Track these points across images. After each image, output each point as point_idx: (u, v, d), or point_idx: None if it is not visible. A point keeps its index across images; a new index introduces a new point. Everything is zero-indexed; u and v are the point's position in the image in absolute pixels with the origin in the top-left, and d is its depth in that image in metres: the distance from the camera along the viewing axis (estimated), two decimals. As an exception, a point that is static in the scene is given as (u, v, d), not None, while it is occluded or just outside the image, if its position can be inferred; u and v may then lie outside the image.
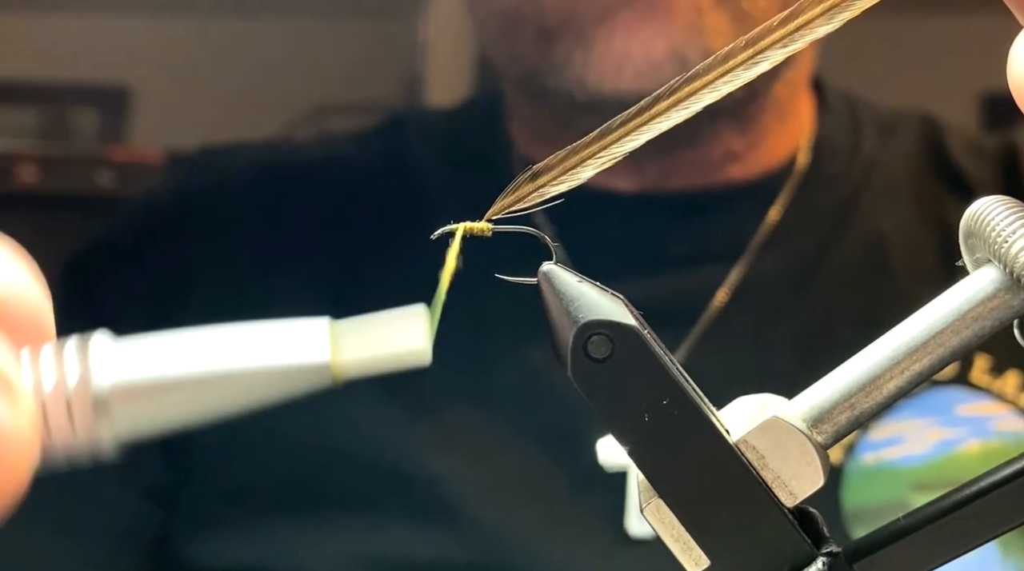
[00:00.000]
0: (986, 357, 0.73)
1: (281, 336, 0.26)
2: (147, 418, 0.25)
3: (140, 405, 0.25)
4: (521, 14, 0.71)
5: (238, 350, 0.26)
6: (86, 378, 0.25)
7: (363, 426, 0.73)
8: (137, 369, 0.25)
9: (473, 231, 0.35)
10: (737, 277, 0.76)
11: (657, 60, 0.67)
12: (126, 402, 0.25)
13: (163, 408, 0.25)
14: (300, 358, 0.26)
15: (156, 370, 0.25)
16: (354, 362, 0.27)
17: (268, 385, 0.26)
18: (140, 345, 0.25)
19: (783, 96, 0.77)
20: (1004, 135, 0.85)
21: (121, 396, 0.25)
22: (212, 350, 0.26)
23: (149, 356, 0.25)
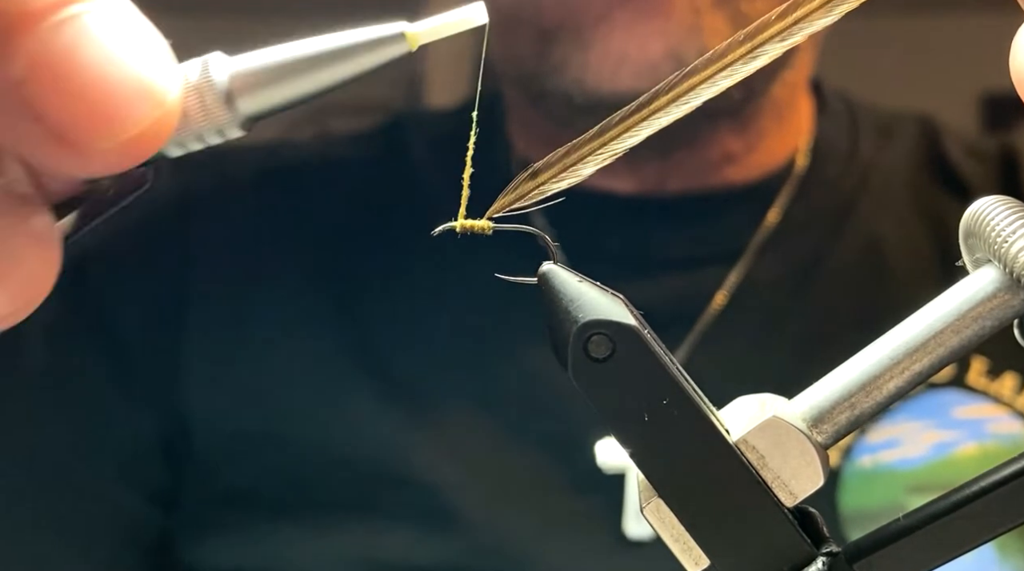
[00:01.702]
0: (983, 360, 0.73)
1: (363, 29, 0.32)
2: (266, 99, 0.31)
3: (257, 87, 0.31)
4: (520, 15, 0.71)
5: (329, 39, 0.31)
6: (207, 74, 0.31)
7: (364, 430, 0.73)
8: (249, 63, 0.31)
9: (474, 229, 0.35)
10: (736, 279, 0.76)
11: (655, 60, 0.67)
12: (244, 86, 0.31)
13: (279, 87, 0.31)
14: (380, 32, 0.31)
15: (264, 60, 0.31)
16: (425, 30, 0.32)
17: (356, 56, 0.31)
18: (252, 53, 0.31)
19: (782, 98, 0.77)
20: (1002, 136, 0.85)
21: (240, 82, 0.31)
22: (310, 42, 0.31)
23: (260, 55, 0.31)
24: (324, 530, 0.72)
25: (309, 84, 0.31)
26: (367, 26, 0.31)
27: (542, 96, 0.73)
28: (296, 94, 0.31)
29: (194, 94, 0.31)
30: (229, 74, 0.31)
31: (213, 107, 0.31)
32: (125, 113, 0.28)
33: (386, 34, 0.31)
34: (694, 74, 0.33)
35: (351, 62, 0.31)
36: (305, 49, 0.31)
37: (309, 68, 0.31)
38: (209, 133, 0.31)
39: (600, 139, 0.33)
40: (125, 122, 0.28)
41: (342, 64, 0.31)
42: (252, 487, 0.74)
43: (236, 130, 0.31)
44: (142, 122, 0.29)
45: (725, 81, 0.33)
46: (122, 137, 0.29)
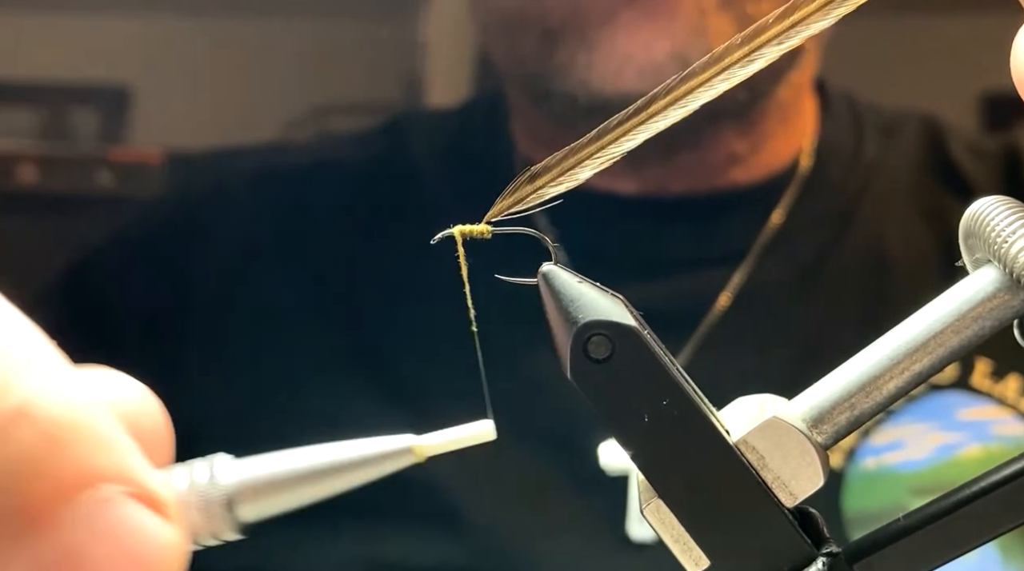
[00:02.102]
0: (987, 361, 0.73)
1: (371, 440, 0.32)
2: (267, 508, 0.32)
3: (260, 498, 0.32)
4: (524, 16, 0.71)
5: (336, 450, 0.32)
6: (214, 483, 0.31)
7: (365, 431, 0.73)
8: (255, 470, 0.32)
9: (472, 234, 0.35)
10: (740, 280, 0.76)
11: (659, 61, 0.67)
12: (247, 497, 0.31)
13: (280, 498, 0.32)
14: (387, 447, 0.32)
15: (270, 469, 0.32)
16: (433, 444, 0.33)
17: (360, 469, 0.32)
18: (256, 459, 0.32)
19: (786, 99, 0.77)
20: (1005, 136, 0.85)
21: (244, 493, 0.31)
22: (315, 453, 0.32)
23: (263, 462, 0.32)
24: (327, 532, 0.72)
25: (312, 494, 0.32)
26: (374, 439, 0.32)
27: (546, 97, 0.73)
28: (297, 503, 0.32)
29: (198, 503, 0.31)
30: (234, 482, 0.31)
31: (214, 517, 0.32)
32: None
33: (394, 448, 0.32)
34: (692, 77, 0.33)
35: (356, 474, 0.32)
36: (311, 460, 0.32)
37: (314, 480, 0.32)
38: (204, 538, 0.32)
39: (598, 143, 0.33)
40: None
41: (347, 476, 0.32)
42: None
43: (232, 535, 0.32)
44: None
45: (722, 84, 0.33)
46: None
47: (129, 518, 0.28)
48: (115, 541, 0.28)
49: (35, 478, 0.27)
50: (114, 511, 0.28)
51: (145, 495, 0.29)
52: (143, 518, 0.29)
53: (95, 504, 0.28)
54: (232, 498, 0.31)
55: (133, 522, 0.28)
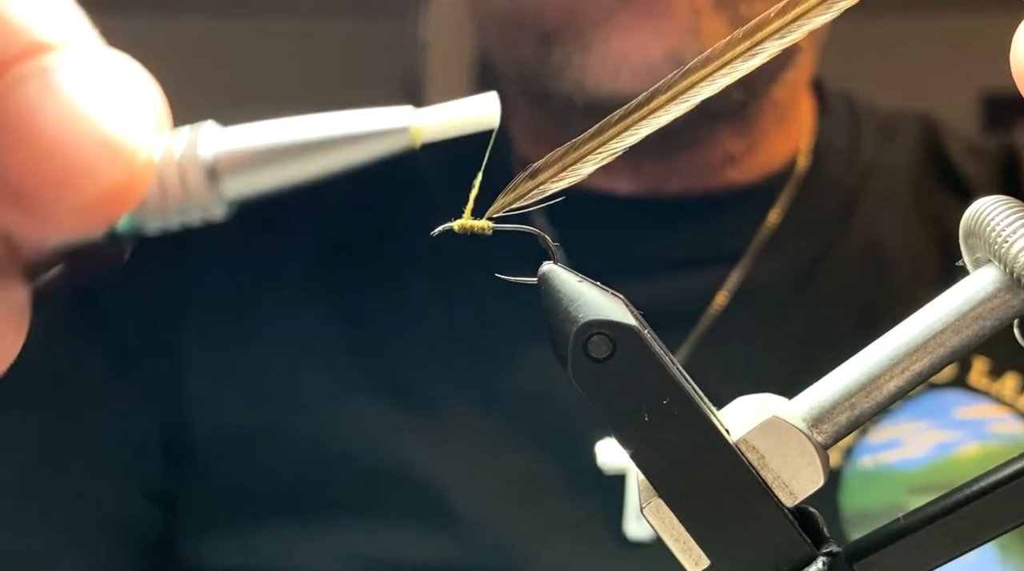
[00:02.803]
0: (984, 360, 0.73)
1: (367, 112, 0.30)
2: (252, 181, 0.29)
3: (244, 169, 0.29)
4: (521, 17, 0.71)
5: (329, 122, 0.29)
6: (193, 147, 0.29)
7: (364, 430, 0.73)
8: (240, 140, 0.29)
9: (474, 229, 0.35)
10: (737, 280, 0.76)
11: (655, 62, 0.67)
12: (231, 166, 0.29)
13: (266, 170, 0.29)
14: (384, 124, 0.30)
15: (256, 139, 0.29)
16: (431, 126, 0.30)
17: (353, 147, 0.30)
18: (245, 127, 0.30)
19: (783, 99, 0.77)
20: (1003, 136, 0.85)
21: (226, 162, 0.29)
22: (306, 123, 0.29)
23: (251, 132, 0.29)
24: (324, 529, 0.72)
25: (300, 171, 0.29)
26: (368, 111, 0.30)
27: (543, 97, 0.73)
28: (283, 180, 0.30)
29: (175, 168, 0.29)
30: (216, 151, 0.29)
31: (194, 185, 0.29)
32: (89, 172, 0.27)
33: (390, 126, 0.30)
34: (693, 72, 0.33)
35: (348, 151, 0.30)
36: (300, 132, 0.29)
37: (302, 154, 0.29)
38: (189, 211, 0.30)
39: (599, 138, 0.33)
40: (89, 181, 0.27)
41: (338, 153, 0.30)
42: (252, 487, 0.74)
43: (218, 211, 0.30)
44: (107, 182, 0.27)
45: (724, 79, 0.33)
46: (85, 197, 0.27)
47: (91, 88, 0.27)
48: (71, 106, 0.27)
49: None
50: (73, 77, 0.27)
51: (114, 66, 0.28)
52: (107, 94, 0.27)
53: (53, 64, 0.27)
54: (215, 167, 0.29)
55: (95, 94, 0.27)
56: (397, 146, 0.30)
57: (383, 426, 0.73)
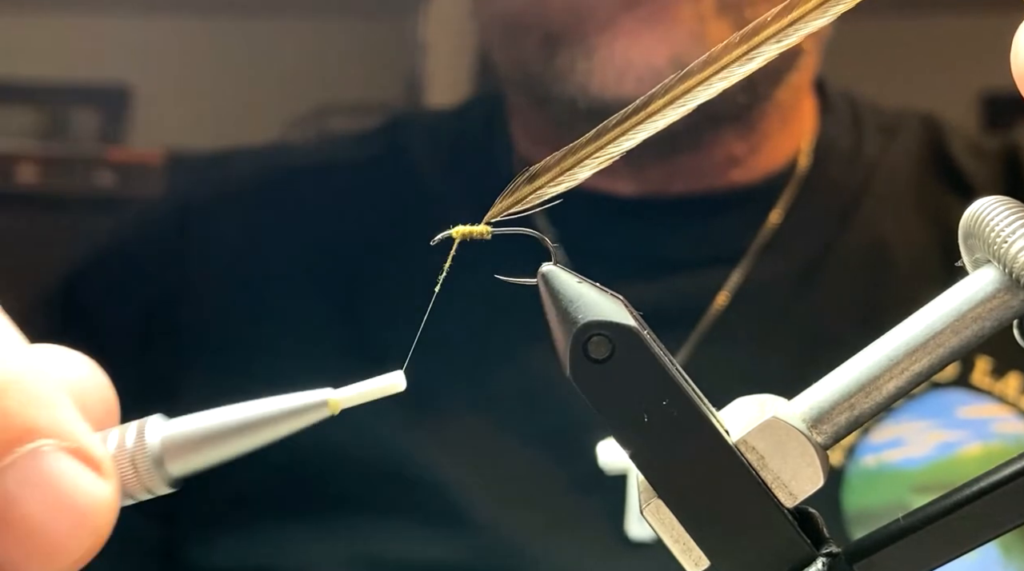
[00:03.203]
0: (987, 359, 0.73)
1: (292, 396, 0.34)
2: (193, 462, 0.34)
3: (186, 454, 0.33)
4: (525, 20, 0.71)
5: (256, 406, 0.34)
6: (142, 439, 0.33)
7: (365, 429, 0.73)
8: (180, 429, 0.34)
9: (472, 235, 0.35)
10: (738, 280, 0.76)
11: (659, 67, 0.67)
12: (175, 453, 0.33)
13: (206, 452, 0.34)
14: (304, 401, 0.34)
15: (195, 426, 0.34)
16: (345, 398, 0.35)
17: (279, 423, 0.34)
18: (185, 418, 0.34)
19: (785, 100, 0.77)
20: (1005, 135, 0.85)
21: (171, 449, 0.33)
22: (239, 409, 0.34)
23: (191, 422, 0.34)
24: (327, 529, 0.72)
25: (233, 449, 0.34)
26: (292, 394, 0.34)
27: (546, 101, 0.73)
28: (221, 457, 0.34)
29: (128, 461, 0.33)
30: (161, 439, 0.33)
31: (144, 472, 0.33)
32: (65, 547, 0.30)
33: (310, 402, 0.34)
34: (690, 76, 0.33)
35: (276, 427, 0.34)
36: (233, 417, 0.34)
37: (235, 435, 0.34)
38: (138, 492, 0.33)
39: (597, 142, 0.33)
40: (64, 554, 0.30)
41: (267, 430, 0.34)
42: (255, 487, 0.74)
43: (163, 489, 0.34)
44: (81, 550, 0.30)
45: (721, 83, 0.33)
46: (60, 567, 0.30)
47: (63, 471, 0.30)
48: (48, 492, 0.30)
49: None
50: (48, 463, 0.30)
51: (80, 451, 0.30)
52: (77, 471, 0.30)
53: (30, 456, 0.29)
54: (160, 455, 0.33)
55: (67, 475, 0.30)
56: (319, 416, 0.34)
57: (385, 426, 0.73)
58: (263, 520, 0.74)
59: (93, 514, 0.30)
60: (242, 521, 0.74)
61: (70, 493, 0.30)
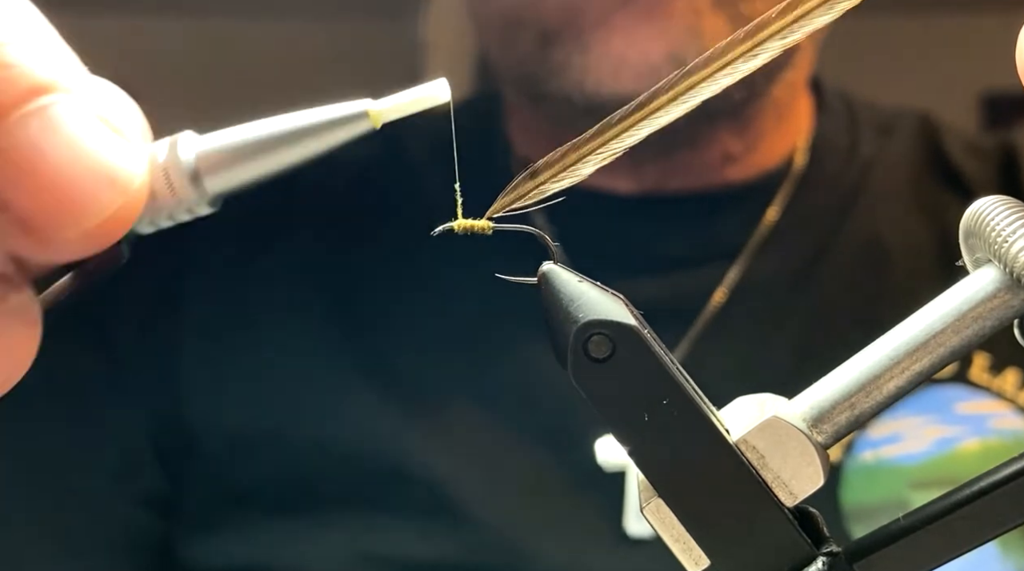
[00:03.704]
0: (985, 355, 0.73)
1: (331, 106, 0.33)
2: (231, 177, 0.32)
3: (223, 167, 0.32)
4: (521, 17, 0.71)
5: (295, 117, 0.32)
6: (175, 154, 0.32)
7: (364, 427, 0.73)
8: (215, 142, 0.32)
9: (474, 229, 0.35)
10: (735, 277, 0.76)
11: (655, 63, 0.67)
12: (211, 167, 0.32)
13: (244, 166, 0.32)
14: (343, 111, 0.32)
15: (230, 139, 0.32)
16: (388, 108, 0.33)
17: (318, 134, 0.32)
18: (220, 131, 0.32)
19: (782, 98, 0.77)
20: (1003, 135, 0.85)
21: (206, 162, 0.32)
22: (275, 120, 0.32)
23: (225, 135, 0.32)
24: (325, 527, 0.72)
25: (274, 162, 0.32)
26: (331, 104, 0.32)
27: (542, 98, 0.73)
28: (261, 172, 0.32)
29: (161, 174, 0.32)
30: (196, 153, 0.32)
31: (180, 187, 0.32)
32: (90, 203, 0.29)
33: (350, 112, 0.32)
34: (694, 73, 0.33)
35: (315, 140, 0.32)
36: (271, 128, 0.32)
37: (274, 147, 0.32)
38: (178, 211, 0.32)
39: (600, 138, 0.33)
40: (90, 211, 0.29)
41: (307, 143, 0.32)
42: (253, 485, 0.74)
43: (205, 208, 0.33)
44: (107, 210, 0.29)
45: (725, 79, 0.33)
46: (87, 226, 0.29)
47: (89, 125, 0.29)
48: (72, 143, 0.29)
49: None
50: (73, 115, 0.29)
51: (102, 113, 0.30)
52: (100, 128, 0.30)
53: (54, 106, 0.29)
54: (196, 169, 0.32)
55: (93, 130, 0.29)
56: (359, 130, 0.32)
57: (384, 425, 0.73)
58: (261, 518, 0.74)
59: (119, 171, 0.29)
60: (240, 519, 0.74)
61: (96, 147, 0.29)
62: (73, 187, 0.29)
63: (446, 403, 0.74)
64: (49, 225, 0.29)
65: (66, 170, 0.29)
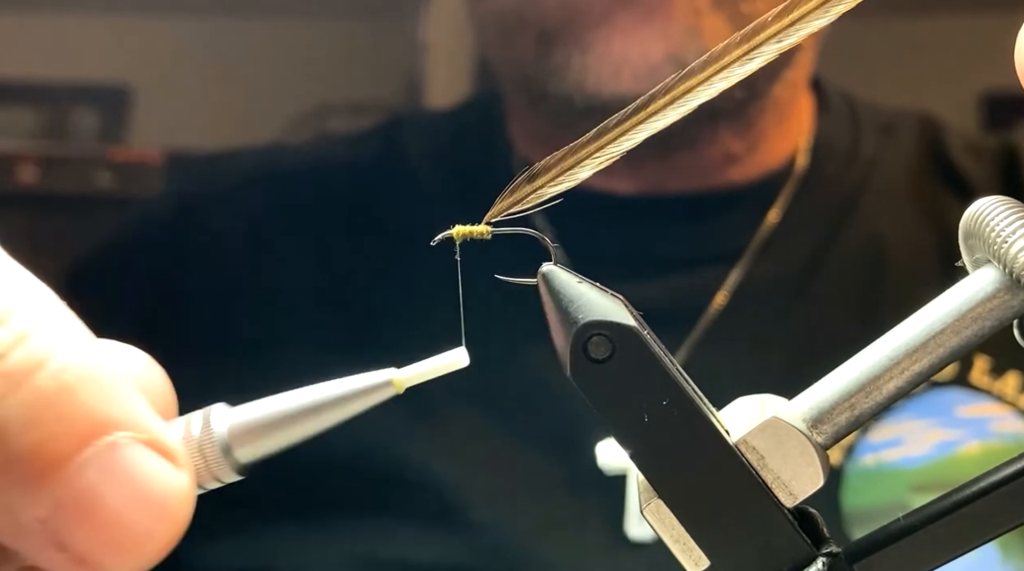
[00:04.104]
0: (986, 358, 0.73)
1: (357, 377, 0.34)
2: (261, 448, 0.34)
3: (254, 440, 0.33)
4: (521, 18, 0.71)
5: (321, 390, 0.34)
6: (209, 428, 0.33)
7: (364, 431, 0.73)
8: (246, 416, 0.33)
9: (472, 235, 0.35)
10: (736, 279, 0.76)
11: (655, 63, 0.67)
12: (242, 440, 0.33)
13: (273, 437, 0.34)
14: (369, 381, 0.34)
15: (261, 412, 0.34)
16: (410, 376, 0.35)
17: (345, 404, 0.34)
18: (250, 405, 0.34)
19: (782, 97, 0.77)
20: (1003, 135, 0.85)
21: (238, 436, 0.33)
22: (304, 393, 0.34)
23: (256, 409, 0.34)
24: (327, 532, 0.72)
25: (301, 432, 0.34)
26: (357, 375, 0.34)
27: (543, 98, 0.73)
28: (289, 442, 0.34)
29: (196, 451, 0.33)
30: (228, 427, 0.33)
31: (214, 463, 0.33)
32: (145, 539, 0.30)
33: (375, 383, 0.34)
34: (691, 76, 0.33)
35: (342, 409, 0.34)
36: (300, 401, 0.33)
37: (303, 420, 0.34)
38: (207, 481, 0.34)
39: (597, 142, 0.33)
40: (144, 548, 0.30)
41: (333, 412, 0.34)
42: (254, 489, 0.74)
43: (232, 477, 0.34)
44: (160, 543, 0.31)
45: (722, 83, 0.33)
46: (141, 560, 0.30)
47: (142, 462, 0.30)
48: (130, 483, 0.30)
49: (52, 423, 0.29)
50: (127, 455, 0.30)
51: (155, 442, 0.30)
52: (155, 462, 0.30)
53: (109, 448, 0.29)
54: (228, 443, 0.33)
55: (146, 465, 0.30)
56: (383, 397, 0.34)
57: (386, 428, 0.73)
58: (263, 522, 0.74)
59: (173, 504, 0.30)
60: (240, 524, 0.74)
61: (150, 484, 0.30)
62: (130, 527, 0.30)
63: (447, 407, 0.74)
64: (106, 563, 0.30)
65: (125, 512, 0.30)
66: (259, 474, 0.80)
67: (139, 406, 0.31)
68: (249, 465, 0.34)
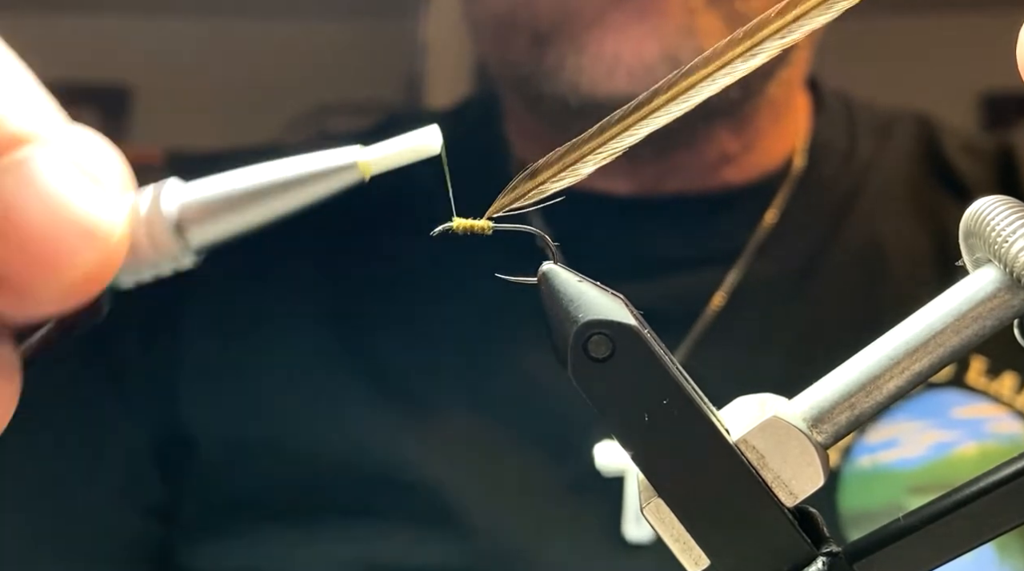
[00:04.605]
0: (982, 359, 0.73)
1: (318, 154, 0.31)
2: (216, 229, 0.31)
3: (207, 218, 0.31)
4: (515, 18, 0.71)
5: (282, 166, 0.31)
6: (158, 205, 0.30)
7: (362, 434, 0.73)
8: (200, 192, 0.31)
9: (473, 229, 0.35)
10: (734, 280, 0.76)
11: (649, 62, 0.67)
12: (195, 218, 0.30)
13: (229, 217, 0.31)
14: (332, 161, 0.31)
15: (215, 189, 0.31)
16: (377, 159, 0.32)
17: (306, 185, 0.31)
18: (204, 180, 0.31)
19: (778, 97, 0.77)
20: (1001, 136, 0.85)
21: (190, 214, 0.30)
22: (262, 170, 0.31)
23: (210, 184, 0.31)
24: (324, 534, 0.72)
25: (259, 214, 0.31)
26: (319, 152, 0.31)
27: (538, 99, 0.73)
28: (247, 224, 0.31)
29: (143, 227, 0.30)
30: (179, 205, 0.31)
31: (162, 240, 0.31)
32: (67, 258, 0.28)
33: (338, 163, 0.31)
34: (693, 72, 0.33)
35: (302, 191, 0.31)
36: (256, 178, 0.31)
37: (260, 198, 0.31)
38: (161, 265, 0.31)
39: (599, 138, 0.33)
40: (67, 267, 0.28)
41: (293, 194, 0.31)
42: (252, 493, 0.74)
43: (188, 261, 0.31)
44: (85, 266, 0.29)
45: (724, 79, 0.33)
46: (65, 282, 0.29)
47: (62, 175, 0.29)
48: (47, 196, 0.28)
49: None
50: (45, 167, 0.28)
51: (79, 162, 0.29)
52: (77, 178, 0.29)
53: (25, 161, 0.28)
54: (179, 221, 0.31)
55: (66, 180, 0.29)
56: (347, 181, 0.31)
57: (381, 430, 0.73)
58: (260, 525, 0.74)
59: (96, 223, 0.29)
60: (239, 526, 0.74)
61: (70, 198, 0.28)
62: (50, 243, 0.28)
63: (444, 408, 0.74)
64: (26, 282, 0.28)
65: (43, 226, 0.28)
66: (255, 476, 0.80)
67: (62, 123, 0.29)
68: (204, 247, 0.31)
